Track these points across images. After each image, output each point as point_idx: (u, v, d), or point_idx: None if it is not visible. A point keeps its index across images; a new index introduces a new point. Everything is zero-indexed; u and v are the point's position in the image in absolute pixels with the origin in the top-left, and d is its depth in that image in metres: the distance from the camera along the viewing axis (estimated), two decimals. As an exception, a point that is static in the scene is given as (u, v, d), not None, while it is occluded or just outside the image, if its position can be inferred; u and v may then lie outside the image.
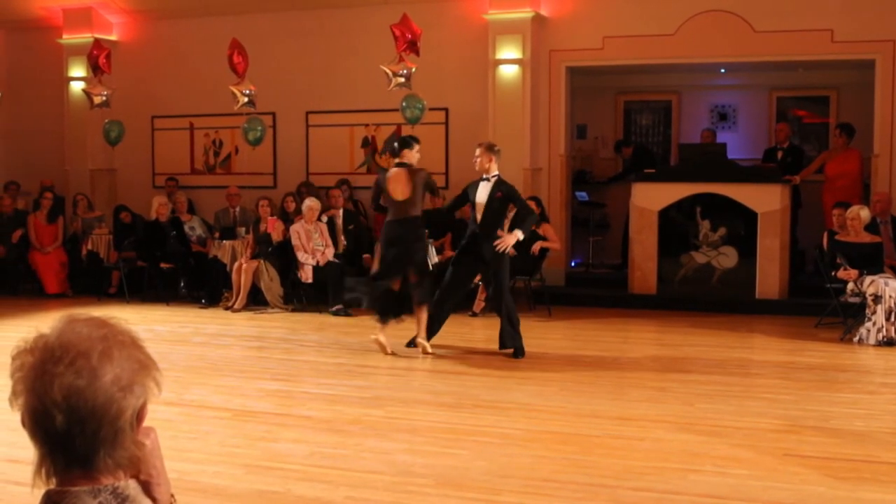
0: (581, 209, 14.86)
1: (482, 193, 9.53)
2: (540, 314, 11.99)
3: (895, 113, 12.28)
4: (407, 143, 9.66)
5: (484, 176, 9.61)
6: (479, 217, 9.51)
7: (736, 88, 15.53)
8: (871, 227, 10.77)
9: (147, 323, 11.08)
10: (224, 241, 12.98)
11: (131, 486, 1.84)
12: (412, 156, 9.57)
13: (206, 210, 14.54)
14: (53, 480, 1.79)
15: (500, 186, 9.52)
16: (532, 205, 12.07)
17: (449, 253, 12.75)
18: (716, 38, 12.76)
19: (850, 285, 10.30)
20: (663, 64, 13.69)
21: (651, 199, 12.70)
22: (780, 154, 13.49)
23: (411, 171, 9.47)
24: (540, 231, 12.02)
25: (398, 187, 9.42)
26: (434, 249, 12.43)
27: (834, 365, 8.94)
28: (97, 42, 14.21)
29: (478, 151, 9.64)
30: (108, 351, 1.77)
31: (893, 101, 12.28)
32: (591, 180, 15.59)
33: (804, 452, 6.03)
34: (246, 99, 13.23)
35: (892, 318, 9.88)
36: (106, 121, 14.28)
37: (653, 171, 13.29)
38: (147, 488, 1.97)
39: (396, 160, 9.69)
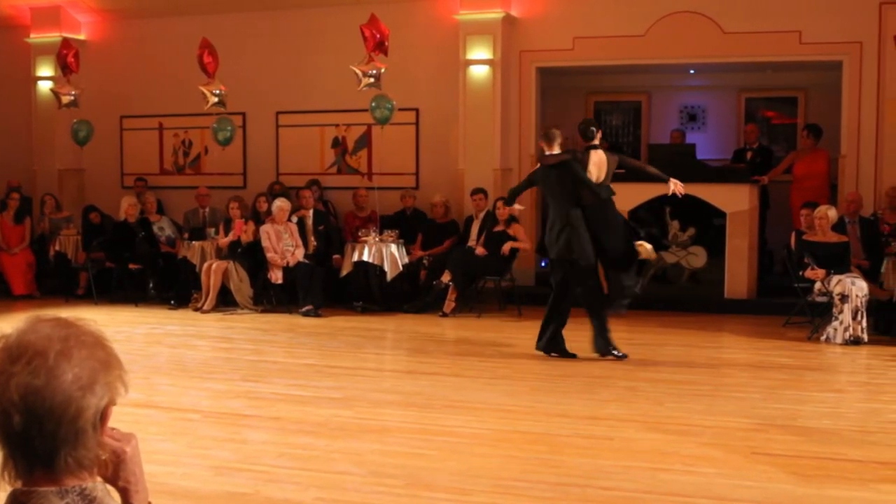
0: (551, 209, 14.86)
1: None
2: (510, 314, 12.01)
3: (862, 114, 12.38)
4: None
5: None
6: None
7: (705, 89, 15.62)
8: (839, 226, 10.85)
9: (115, 324, 11.00)
10: (193, 242, 12.91)
11: (98, 489, 1.82)
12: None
13: (175, 210, 14.46)
14: (19, 482, 1.78)
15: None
16: (501, 205, 12.13)
17: (418, 253, 12.77)
18: (685, 39, 12.82)
19: (818, 285, 10.37)
20: (633, 65, 13.76)
21: (620, 199, 12.67)
22: (749, 155, 13.57)
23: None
24: (510, 231, 12.04)
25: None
26: (404, 250, 12.44)
27: (802, 364, 9.00)
28: (66, 41, 14.12)
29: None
30: (66, 351, 1.76)
31: (860, 103, 12.39)
32: (561, 180, 15.58)
33: (772, 451, 6.07)
34: (216, 99, 13.18)
35: (859, 318, 9.96)
36: (74, 120, 14.18)
37: (622, 171, 13.30)
38: (125, 495, 1.96)
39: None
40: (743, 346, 10.36)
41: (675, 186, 9.32)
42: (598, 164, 9.32)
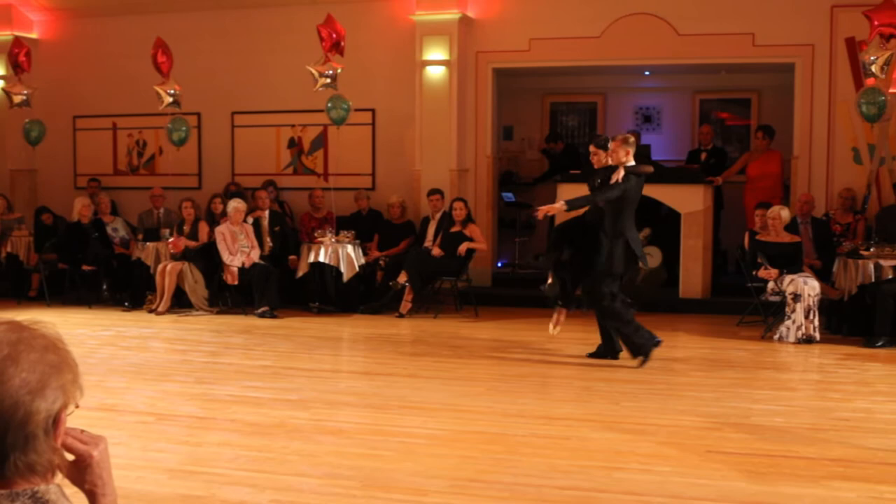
0: (507, 210, 14.92)
1: None
2: (466, 314, 12.03)
3: (814, 116, 12.53)
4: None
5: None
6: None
7: (660, 91, 15.73)
8: (791, 227, 10.97)
9: (69, 326, 10.88)
10: (148, 243, 12.81)
11: (52, 491, 1.80)
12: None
13: (129, 211, 14.34)
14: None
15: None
16: (459, 205, 12.14)
17: (375, 253, 12.75)
18: (640, 40, 12.91)
19: (771, 284, 10.48)
20: (589, 66, 13.83)
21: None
22: (703, 156, 13.69)
23: None
24: (466, 232, 12.06)
25: None
26: (361, 250, 12.42)
27: (755, 362, 9.09)
28: (17, 40, 13.97)
29: (611, 146, 8.97)
30: (14, 355, 1.74)
31: (812, 104, 12.54)
32: (517, 181, 15.66)
33: (726, 449, 6.12)
34: (171, 99, 13.10)
35: (811, 317, 10.09)
36: (26, 120, 14.03)
37: (578, 171, 13.38)
38: (92, 498, 1.94)
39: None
40: (697, 345, 10.44)
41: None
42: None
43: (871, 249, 10.70)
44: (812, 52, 12.48)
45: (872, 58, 10.75)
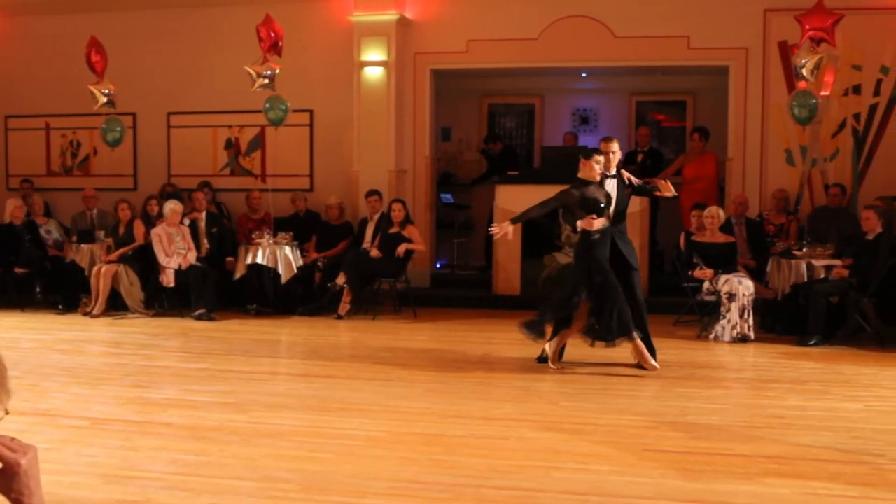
0: (446, 211, 14.94)
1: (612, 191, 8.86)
2: (405, 316, 12.02)
3: (748, 118, 12.72)
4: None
5: (607, 174, 8.86)
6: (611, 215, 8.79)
7: (597, 92, 15.85)
8: (726, 227, 11.12)
9: (1, 330, 10.70)
10: (82, 245, 12.64)
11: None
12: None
13: (63, 213, 14.14)
14: None
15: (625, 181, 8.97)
16: (398, 206, 12.13)
17: (313, 255, 12.69)
18: (577, 42, 13.01)
19: (706, 284, 10.60)
20: (527, 67, 13.91)
21: (514, 200, 12.79)
22: (640, 157, 13.83)
23: None
24: (405, 233, 12.05)
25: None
26: (299, 252, 12.36)
27: (691, 362, 9.19)
28: (-54, 38, 13.71)
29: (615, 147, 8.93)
30: None
31: (746, 107, 12.73)
32: (455, 182, 15.69)
33: (663, 447, 6.18)
34: (105, 99, 12.92)
35: (746, 316, 10.23)
36: (-44, 120, 13.78)
37: (516, 172, 13.46)
38: None
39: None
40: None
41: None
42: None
43: (804, 249, 10.88)
44: (746, 56, 12.67)
45: (803, 61, 10.93)
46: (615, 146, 9.01)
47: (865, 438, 6.39)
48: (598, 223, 8.53)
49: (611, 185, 8.86)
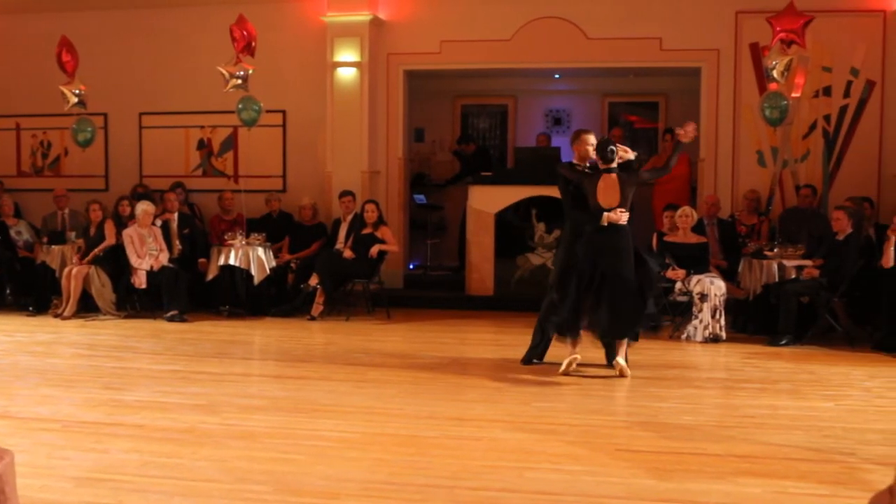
0: (419, 212, 14.94)
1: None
2: (379, 317, 12.01)
3: (719, 119, 12.79)
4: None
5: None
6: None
7: (570, 93, 15.90)
8: (698, 228, 11.17)
9: (-30, 332, 10.65)
10: (53, 246, 12.55)
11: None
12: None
13: (33, 214, 14.02)
14: None
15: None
16: (371, 207, 12.10)
17: (286, 256, 12.66)
18: (550, 44, 13.04)
19: (678, 284, 10.65)
20: (500, 68, 13.95)
21: (488, 201, 12.87)
22: (612, 158, 13.84)
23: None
24: (378, 234, 12.04)
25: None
26: (271, 253, 12.33)
27: (663, 362, 9.22)
28: (-86, 38, 13.58)
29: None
30: None
31: (718, 108, 12.80)
32: (428, 183, 15.70)
33: (635, 447, 6.20)
34: (76, 99, 12.84)
35: (718, 316, 10.29)
36: (-75, 121, 13.65)
37: (489, 173, 13.48)
38: None
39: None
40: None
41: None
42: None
43: (775, 250, 10.95)
44: (717, 57, 12.74)
45: (774, 63, 11.01)
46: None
47: (836, 437, 6.44)
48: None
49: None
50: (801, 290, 10.34)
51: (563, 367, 8.46)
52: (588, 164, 8.87)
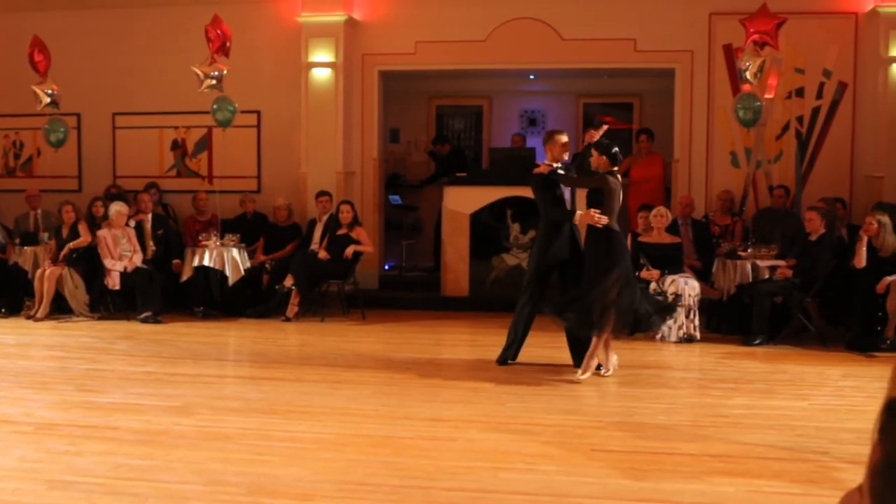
0: (394, 212, 14.93)
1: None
2: (354, 318, 11.99)
3: (693, 120, 12.85)
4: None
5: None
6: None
7: (545, 94, 15.94)
8: (672, 228, 11.21)
9: (-59, 334, 10.56)
10: (25, 248, 12.46)
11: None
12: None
13: (5, 215, 13.90)
14: None
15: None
16: (346, 208, 12.09)
17: (261, 257, 12.62)
18: (525, 44, 13.06)
19: (653, 285, 10.68)
20: (475, 69, 13.96)
21: (463, 202, 12.88)
22: (587, 158, 13.88)
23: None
24: (353, 234, 12.02)
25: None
26: (246, 254, 12.29)
27: (638, 362, 9.24)
28: None
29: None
30: None
31: (692, 109, 12.85)
32: (403, 184, 15.69)
33: (610, 447, 6.23)
34: (48, 99, 12.76)
35: (692, 316, 10.34)
36: None
37: (464, 174, 13.48)
38: None
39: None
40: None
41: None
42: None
43: (749, 250, 11.01)
44: (691, 58, 12.79)
45: (747, 64, 11.06)
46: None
47: (809, 436, 6.49)
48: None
49: None
50: (774, 290, 10.40)
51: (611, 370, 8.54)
52: (559, 165, 8.88)
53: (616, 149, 8.70)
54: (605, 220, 8.48)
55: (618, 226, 8.62)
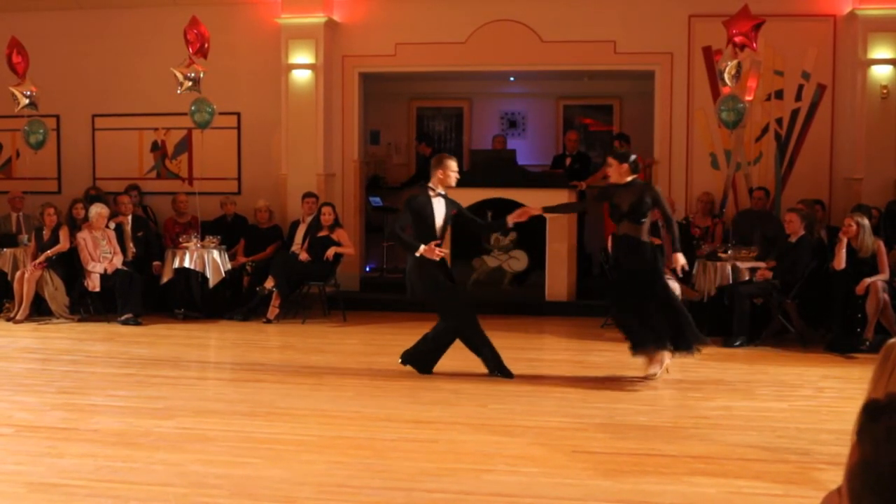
0: (375, 214, 14.91)
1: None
2: (335, 319, 11.98)
3: (673, 122, 12.89)
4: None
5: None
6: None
7: (525, 96, 15.95)
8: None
9: (-81, 336, 10.50)
10: (5, 249, 12.40)
11: None
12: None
13: (-16, 217, 13.85)
14: None
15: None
16: (327, 210, 12.07)
17: (241, 259, 12.60)
18: (505, 46, 13.08)
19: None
20: (455, 71, 13.97)
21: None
22: (568, 161, 13.93)
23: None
24: (334, 236, 12.02)
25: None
26: (227, 256, 12.26)
27: (619, 363, 9.25)
28: None
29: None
30: None
31: (672, 111, 12.90)
32: (384, 185, 15.67)
33: (591, 449, 6.24)
34: (27, 101, 12.69)
35: (672, 318, 10.35)
36: None
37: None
38: None
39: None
40: (563, 346, 10.63)
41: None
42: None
43: (729, 252, 11.05)
44: (671, 60, 12.84)
45: (727, 66, 11.11)
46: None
47: (790, 437, 6.52)
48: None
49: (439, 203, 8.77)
50: (754, 291, 10.45)
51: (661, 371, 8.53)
52: (442, 191, 8.73)
53: (634, 156, 8.65)
54: (443, 252, 8.49)
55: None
